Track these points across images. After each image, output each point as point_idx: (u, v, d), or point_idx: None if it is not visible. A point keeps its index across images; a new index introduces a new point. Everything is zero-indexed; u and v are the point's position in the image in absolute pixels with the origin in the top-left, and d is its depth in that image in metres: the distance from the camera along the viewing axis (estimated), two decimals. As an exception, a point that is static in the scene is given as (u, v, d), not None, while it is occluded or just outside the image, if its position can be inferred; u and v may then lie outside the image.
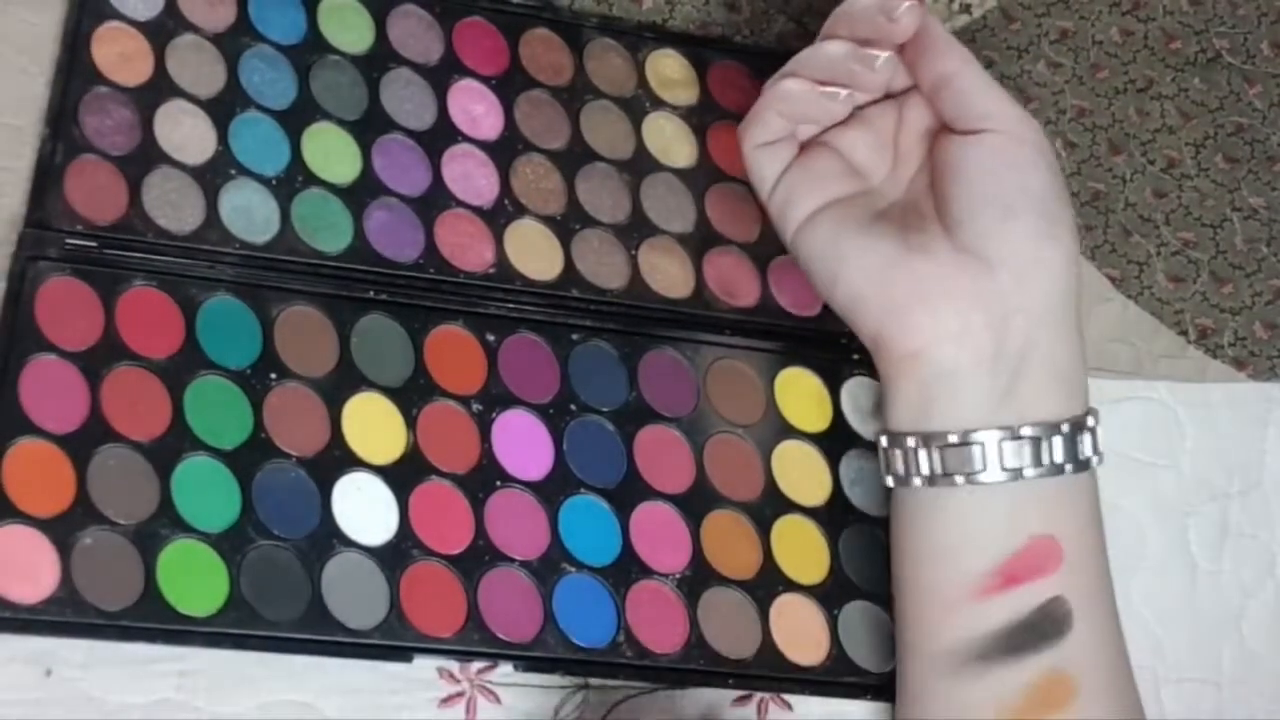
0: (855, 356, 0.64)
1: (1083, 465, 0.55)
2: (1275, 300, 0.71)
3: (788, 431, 0.63)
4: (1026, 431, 0.55)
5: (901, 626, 0.58)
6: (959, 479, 0.55)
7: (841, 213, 0.58)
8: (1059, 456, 0.55)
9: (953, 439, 0.55)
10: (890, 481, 0.57)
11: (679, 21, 0.69)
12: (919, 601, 0.57)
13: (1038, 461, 0.55)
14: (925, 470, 0.56)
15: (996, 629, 0.55)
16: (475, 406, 0.59)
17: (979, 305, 0.55)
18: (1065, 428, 0.55)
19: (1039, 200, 0.55)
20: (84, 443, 0.54)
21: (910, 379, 0.56)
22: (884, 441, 0.57)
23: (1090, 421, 0.56)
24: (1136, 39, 0.73)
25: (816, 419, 0.63)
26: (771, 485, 0.61)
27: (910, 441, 0.56)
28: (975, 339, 0.55)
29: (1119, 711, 0.56)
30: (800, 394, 0.63)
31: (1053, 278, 0.55)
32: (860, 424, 0.64)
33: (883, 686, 0.60)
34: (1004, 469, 0.55)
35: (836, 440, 0.63)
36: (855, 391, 0.64)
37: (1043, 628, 0.54)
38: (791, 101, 0.58)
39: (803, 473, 0.62)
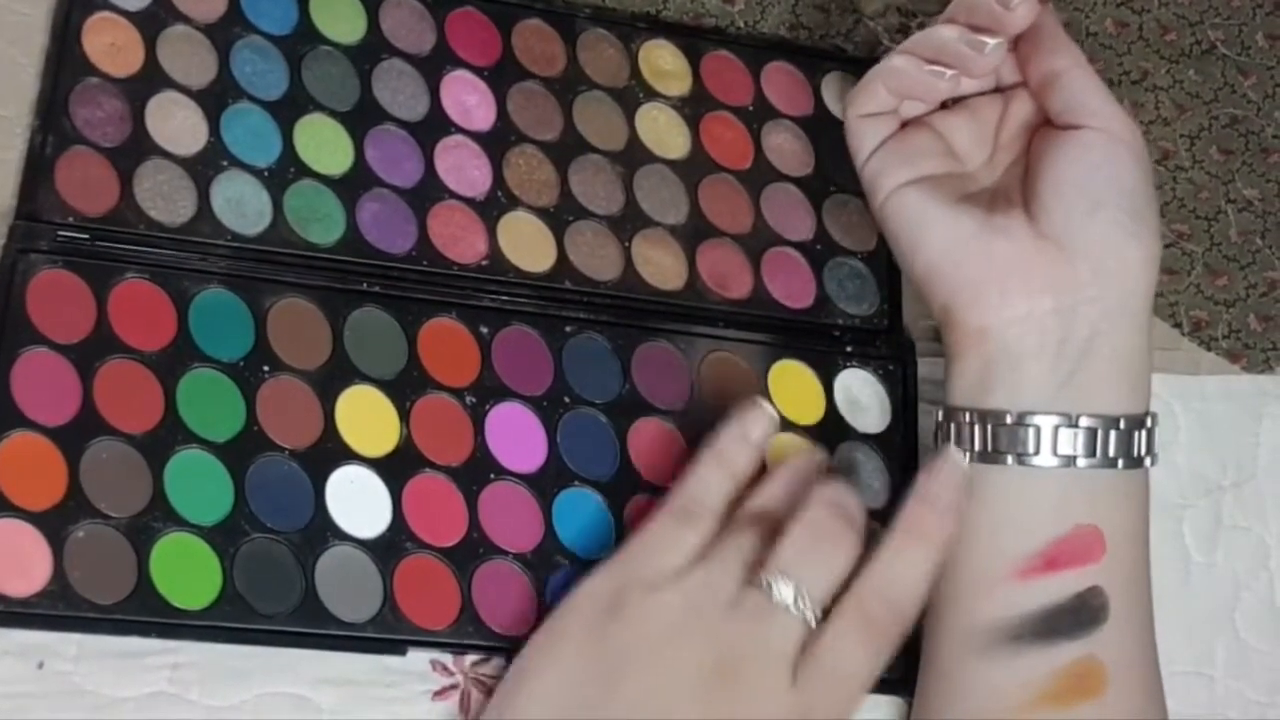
0: (849, 349, 0.64)
1: (1136, 463, 0.56)
2: (1269, 293, 0.71)
3: (781, 424, 0.62)
4: (1084, 421, 0.55)
5: (935, 602, 0.58)
6: (1010, 459, 0.56)
7: (930, 187, 0.59)
8: (1113, 450, 0.56)
9: (1009, 419, 0.56)
10: None
11: (672, 12, 0.68)
12: (958, 577, 0.57)
13: (1091, 452, 0.55)
14: (978, 446, 0.57)
15: (1033, 611, 0.55)
16: (468, 399, 0.59)
17: (1051, 291, 0.56)
18: (1123, 423, 0.56)
19: (1127, 197, 0.56)
20: (76, 436, 0.54)
21: (974, 355, 0.57)
22: (940, 415, 0.59)
23: (1149, 422, 0.57)
24: (1131, 30, 0.73)
25: (810, 411, 0.63)
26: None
27: (966, 417, 0.57)
28: (1042, 323, 0.56)
29: (1149, 710, 0.56)
30: (794, 386, 0.63)
31: (1130, 274, 0.56)
32: (853, 416, 0.63)
33: (878, 679, 0.60)
34: (1056, 455, 0.56)
35: (830, 432, 0.63)
36: (848, 384, 0.64)
37: (1079, 615, 0.55)
38: (898, 77, 0.59)
39: (797, 465, 0.62)
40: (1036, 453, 0.56)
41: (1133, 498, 0.57)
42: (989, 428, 0.56)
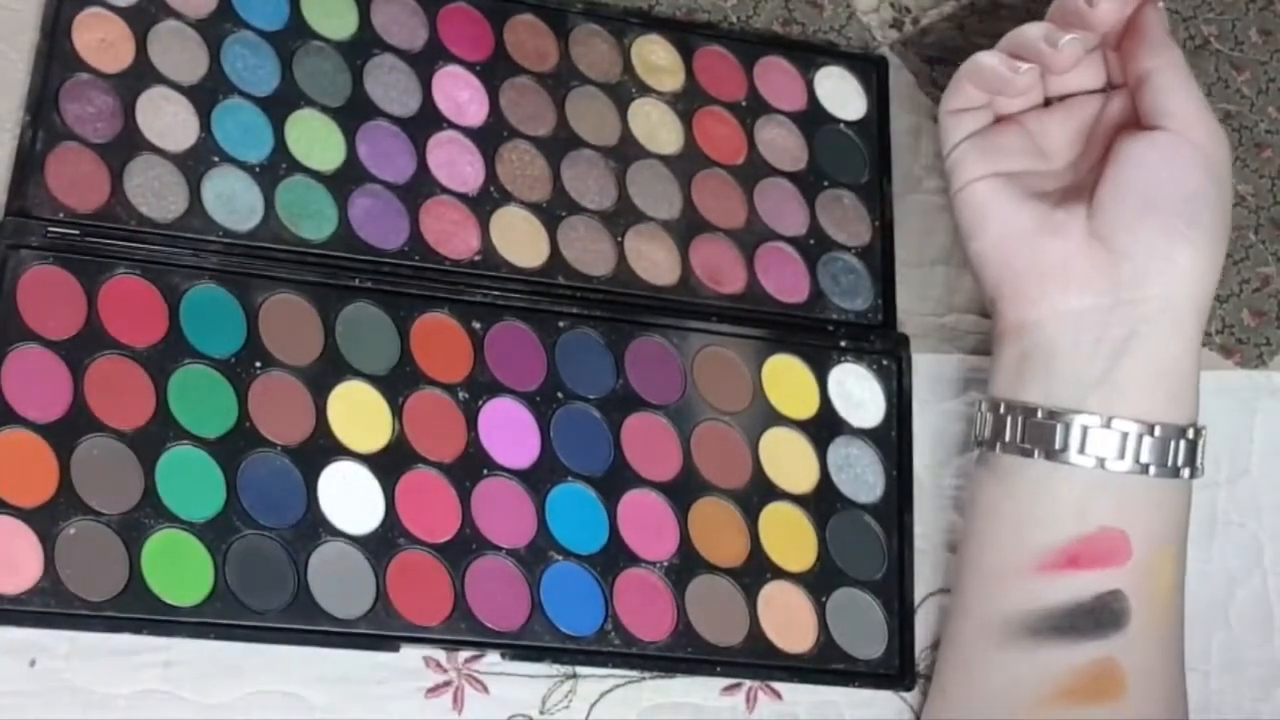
0: (843, 344, 0.64)
1: (1172, 472, 0.56)
2: (1263, 288, 0.71)
3: (775, 418, 0.62)
4: (1116, 424, 0.55)
5: (960, 591, 0.59)
6: (1038, 453, 0.56)
7: (1002, 182, 0.59)
8: (1146, 457, 0.55)
9: (1040, 414, 0.56)
10: (975, 443, 0.59)
11: (664, 7, 0.68)
12: (982, 566, 0.58)
13: (1122, 456, 0.55)
14: (1008, 438, 0.57)
15: (1053, 607, 0.56)
16: (461, 394, 0.59)
17: (1091, 290, 0.56)
18: (1158, 430, 0.55)
19: (1183, 201, 0.56)
20: (67, 432, 0.54)
21: (1012, 347, 0.58)
22: (981, 405, 0.59)
23: (1190, 434, 0.56)
24: (1124, 25, 0.73)
25: (804, 406, 0.63)
26: (759, 472, 0.61)
27: (1001, 408, 0.58)
28: (1079, 321, 0.56)
29: (1163, 716, 0.56)
30: (787, 381, 0.63)
31: (1176, 279, 0.56)
32: (848, 411, 0.63)
33: (871, 674, 0.60)
34: (1084, 454, 0.56)
35: (824, 427, 0.63)
36: (842, 378, 0.64)
37: (1099, 617, 0.55)
38: (981, 73, 0.59)
39: (790, 460, 0.62)
40: (1064, 450, 0.56)
41: (1166, 508, 0.57)
42: (1021, 420, 0.57)
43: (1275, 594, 0.67)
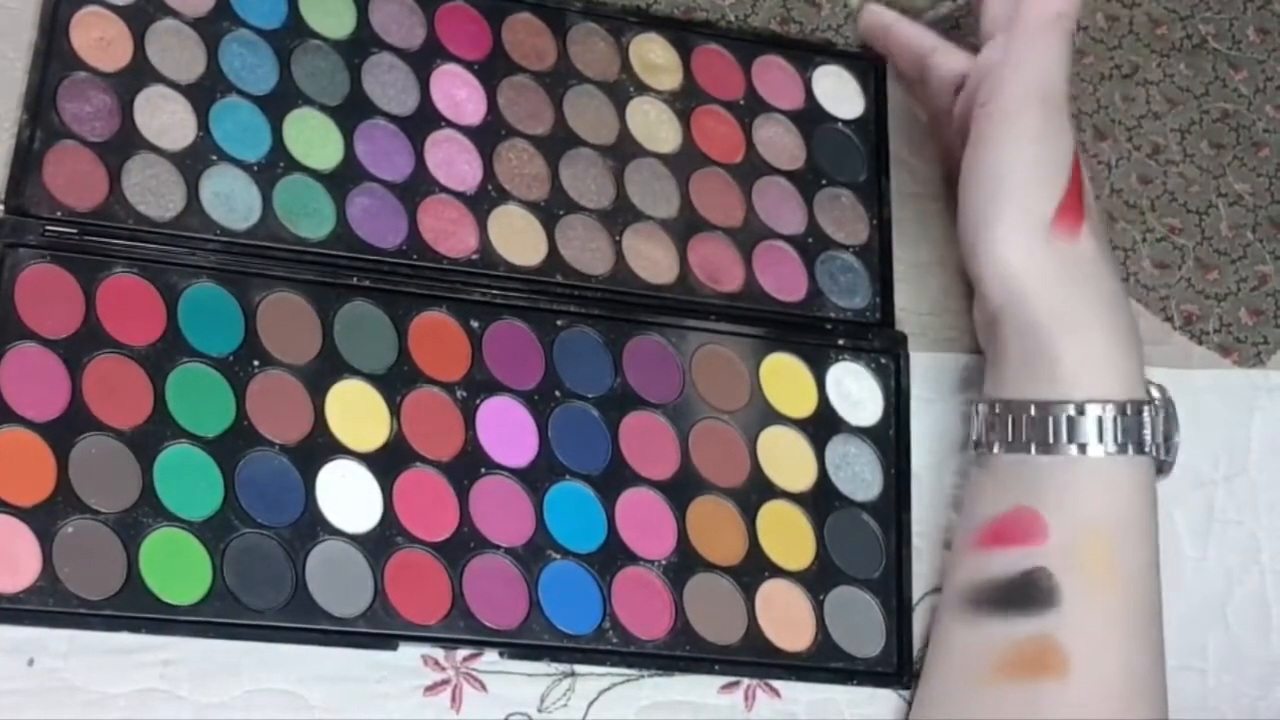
0: (841, 342, 0.64)
1: (1058, 449, 0.56)
2: (1260, 286, 0.71)
3: (773, 417, 0.62)
4: (998, 408, 0.58)
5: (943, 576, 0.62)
6: (969, 444, 0.61)
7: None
8: (1026, 436, 0.57)
9: (969, 406, 0.61)
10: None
11: (663, 5, 0.68)
12: (952, 549, 0.61)
13: (1008, 438, 0.58)
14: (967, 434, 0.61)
15: (989, 580, 0.57)
16: (459, 393, 0.59)
17: (976, 299, 0.59)
18: (1034, 409, 0.57)
19: (989, 177, 0.57)
20: (65, 431, 0.54)
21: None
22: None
23: (1073, 410, 0.56)
24: (1122, 24, 0.73)
25: (802, 404, 0.63)
26: (757, 471, 0.61)
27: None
28: (980, 324, 0.60)
29: (1122, 701, 0.56)
30: (785, 379, 0.63)
31: (994, 257, 0.57)
32: (846, 410, 0.63)
33: (869, 672, 0.60)
34: (984, 440, 0.59)
35: (822, 425, 0.63)
36: (840, 376, 0.64)
37: (1027, 592, 0.56)
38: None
39: (788, 458, 0.62)
40: (971, 437, 0.60)
41: (1078, 486, 0.57)
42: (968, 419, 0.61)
43: (1273, 592, 0.67)
